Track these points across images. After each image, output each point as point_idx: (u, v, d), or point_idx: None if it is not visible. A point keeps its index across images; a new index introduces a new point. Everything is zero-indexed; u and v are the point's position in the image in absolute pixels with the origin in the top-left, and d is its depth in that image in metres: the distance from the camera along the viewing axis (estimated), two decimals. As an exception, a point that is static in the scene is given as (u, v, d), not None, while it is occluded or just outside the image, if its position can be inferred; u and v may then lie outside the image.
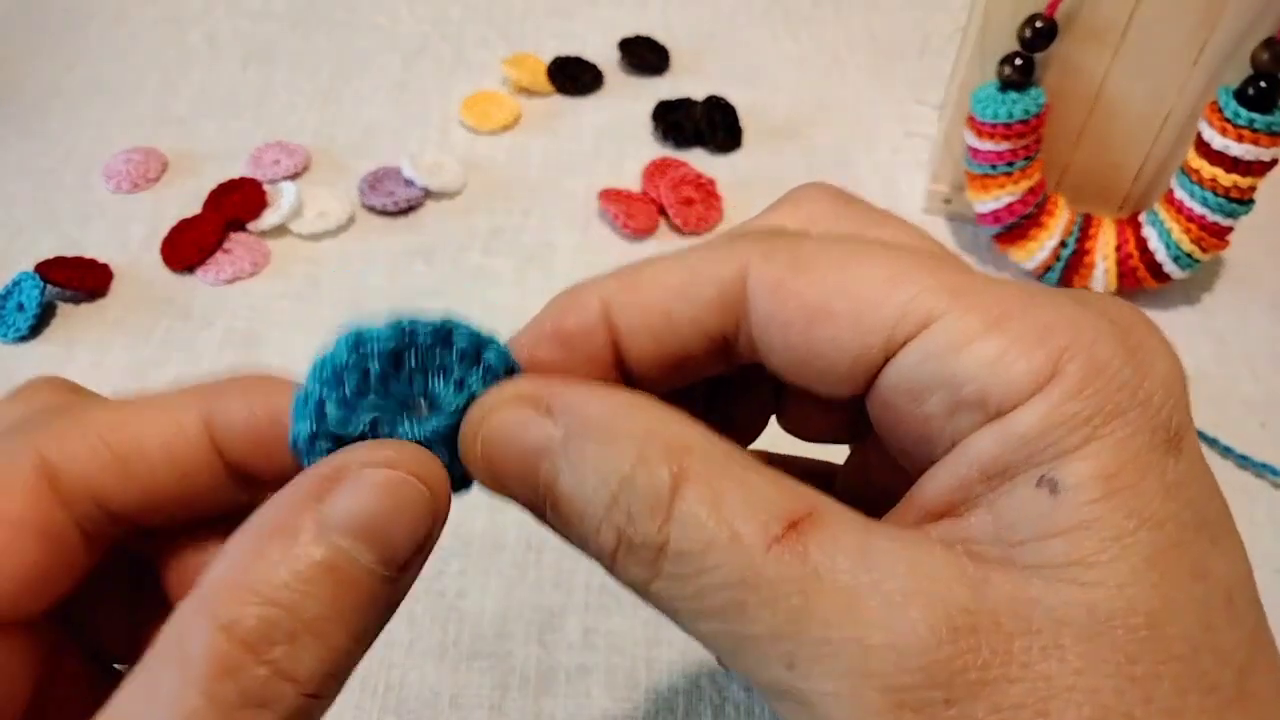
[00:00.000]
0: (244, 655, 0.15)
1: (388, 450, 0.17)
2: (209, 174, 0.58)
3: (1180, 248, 0.49)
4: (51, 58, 0.67)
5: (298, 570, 0.15)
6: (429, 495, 0.17)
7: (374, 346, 0.18)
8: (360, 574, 0.16)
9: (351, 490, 0.16)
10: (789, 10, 0.74)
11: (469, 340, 0.19)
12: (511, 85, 0.65)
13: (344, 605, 0.16)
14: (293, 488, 0.17)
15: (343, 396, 0.18)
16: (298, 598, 0.15)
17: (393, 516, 0.16)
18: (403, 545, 0.16)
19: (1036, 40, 0.47)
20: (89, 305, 0.51)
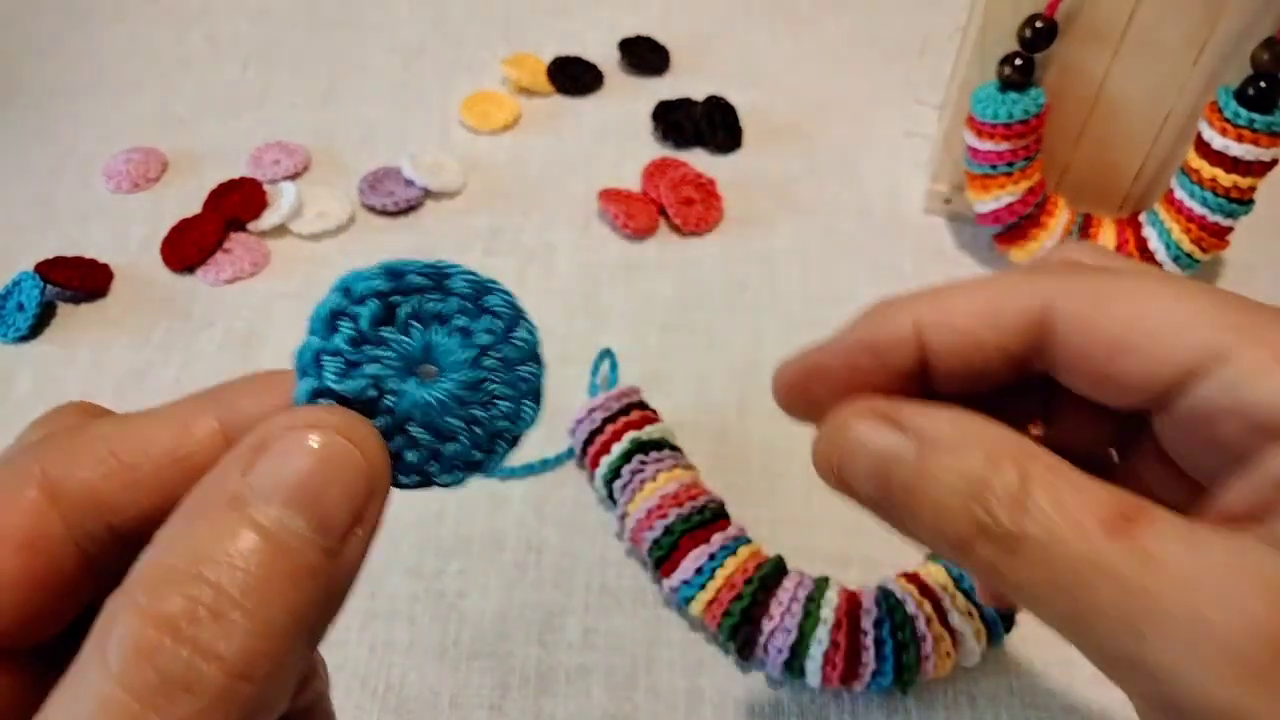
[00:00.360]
0: (162, 637, 0.14)
1: (314, 412, 0.17)
2: (209, 174, 0.58)
3: (1180, 248, 0.49)
4: (51, 57, 0.67)
5: (222, 544, 0.14)
6: (361, 458, 0.16)
7: (363, 287, 0.18)
8: (293, 542, 0.15)
9: (277, 455, 0.16)
10: (789, 10, 0.74)
11: (467, 284, 0.18)
12: (512, 85, 0.65)
13: (275, 578, 0.15)
14: (222, 461, 0.16)
15: (337, 346, 0.17)
16: (223, 572, 0.14)
17: (324, 481, 0.16)
18: (338, 511, 0.16)
19: (1036, 40, 0.47)
20: (89, 305, 0.51)
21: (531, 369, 0.19)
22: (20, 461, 0.17)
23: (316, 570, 0.15)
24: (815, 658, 0.36)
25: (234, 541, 0.15)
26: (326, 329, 0.17)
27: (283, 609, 0.15)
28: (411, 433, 0.18)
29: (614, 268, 0.54)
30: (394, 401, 0.17)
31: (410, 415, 0.18)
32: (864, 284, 0.54)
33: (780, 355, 0.23)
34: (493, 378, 0.18)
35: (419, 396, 0.18)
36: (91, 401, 0.20)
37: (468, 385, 0.18)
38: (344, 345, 0.17)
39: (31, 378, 0.48)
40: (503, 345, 0.18)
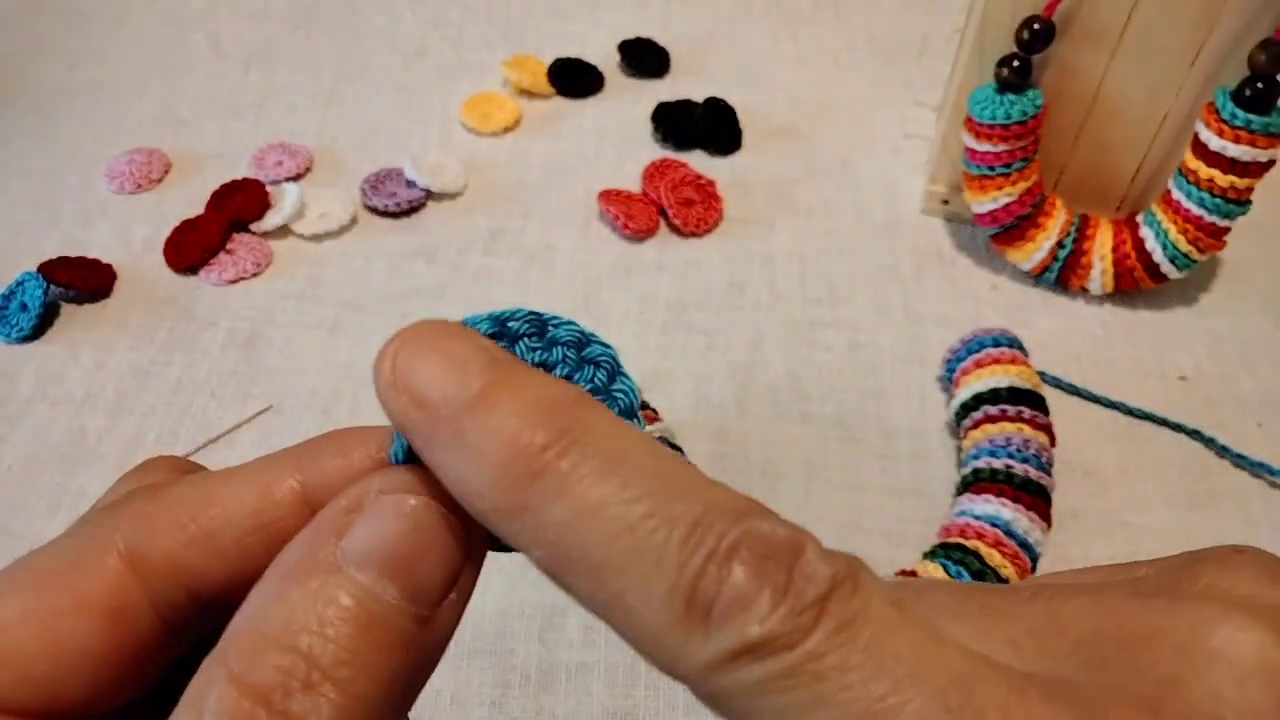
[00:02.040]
0: (255, 708, 0.14)
1: (409, 475, 0.16)
2: (211, 175, 0.58)
3: (1177, 248, 0.49)
4: (54, 58, 0.68)
5: (315, 612, 0.14)
6: (458, 523, 0.15)
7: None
8: (385, 612, 0.15)
9: (370, 521, 0.15)
10: (788, 12, 0.74)
11: (571, 334, 0.17)
12: (512, 87, 0.65)
13: (367, 648, 0.14)
14: (314, 524, 0.15)
15: None
16: (315, 642, 0.14)
17: (419, 548, 0.15)
18: (431, 578, 0.15)
19: (1034, 42, 0.48)
20: (92, 306, 0.52)
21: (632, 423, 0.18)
22: (102, 527, 0.17)
23: (408, 639, 0.15)
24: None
25: (326, 609, 0.14)
26: None
27: (373, 680, 0.14)
28: None
29: (614, 268, 0.54)
30: None
31: None
32: (862, 284, 0.54)
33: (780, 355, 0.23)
34: None
35: None
36: (179, 457, 0.19)
37: None
38: None
39: (34, 378, 0.48)
40: (603, 397, 0.18)
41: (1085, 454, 0.46)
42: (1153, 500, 0.45)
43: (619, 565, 0.14)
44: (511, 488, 0.14)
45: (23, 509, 0.43)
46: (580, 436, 0.14)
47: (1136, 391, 0.49)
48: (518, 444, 0.14)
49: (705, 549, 0.14)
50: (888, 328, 0.52)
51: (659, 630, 0.14)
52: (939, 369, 0.49)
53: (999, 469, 0.42)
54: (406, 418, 0.15)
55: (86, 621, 0.16)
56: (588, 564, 0.14)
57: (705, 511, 0.14)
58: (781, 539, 0.14)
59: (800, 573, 0.14)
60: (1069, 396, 0.49)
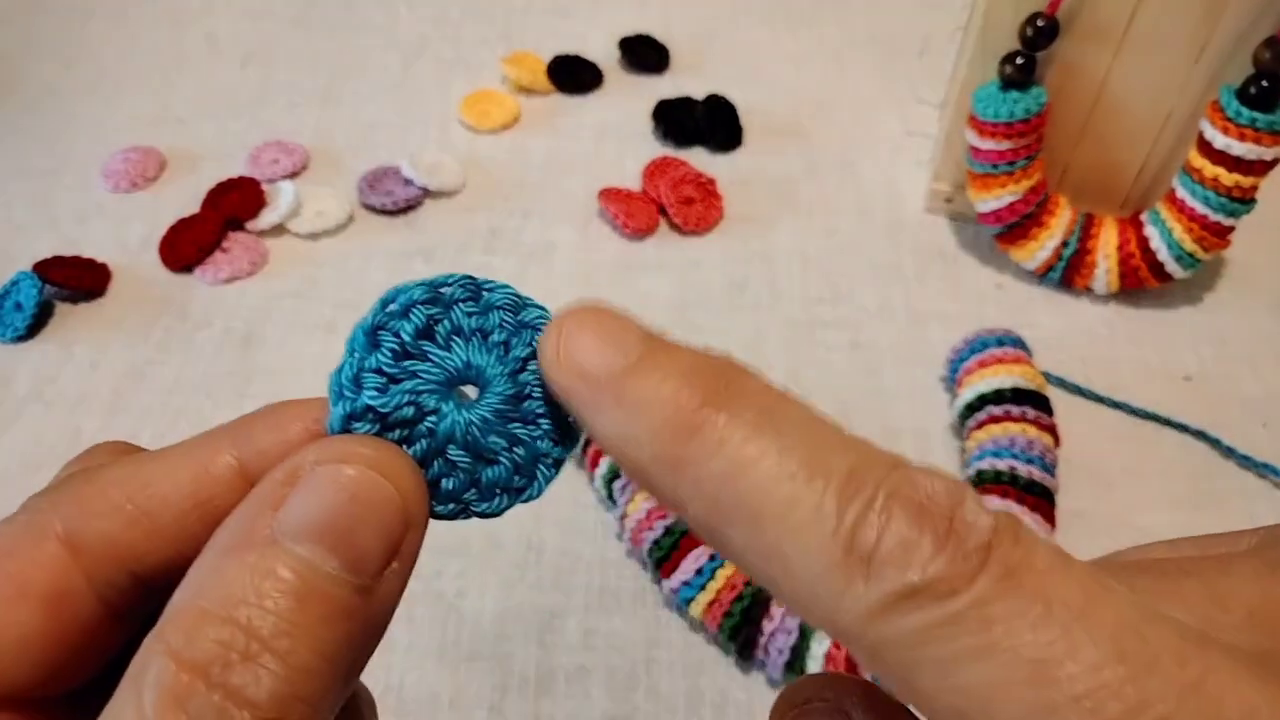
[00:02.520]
0: (195, 681, 0.14)
1: (345, 444, 0.16)
2: (207, 173, 0.58)
3: (1182, 247, 0.49)
4: (50, 56, 0.67)
5: (253, 585, 0.14)
6: (395, 492, 0.16)
7: (404, 300, 0.17)
8: (324, 583, 0.15)
9: (307, 491, 0.15)
10: (790, 9, 0.73)
11: (507, 296, 0.18)
12: (511, 84, 0.65)
13: (307, 619, 0.14)
14: (250, 498, 0.15)
15: (378, 363, 0.17)
16: (254, 614, 0.14)
17: (356, 517, 0.15)
18: (371, 549, 0.15)
19: (1038, 39, 0.47)
20: (87, 305, 0.51)
21: None
22: (39, 512, 0.17)
23: (350, 610, 0.15)
24: (816, 658, 0.36)
25: (264, 582, 0.14)
26: (368, 346, 0.17)
27: (315, 650, 0.14)
28: (450, 456, 0.17)
29: (614, 267, 0.54)
30: (434, 422, 0.17)
31: (450, 437, 0.17)
32: (864, 283, 0.54)
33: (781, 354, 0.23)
34: (534, 394, 0.17)
35: (459, 417, 0.17)
36: (122, 441, 0.19)
37: (509, 399, 0.17)
38: (386, 361, 0.17)
39: (29, 377, 0.48)
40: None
41: (1090, 455, 0.46)
42: (1158, 501, 0.44)
43: (777, 514, 0.14)
44: (671, 442, 0.15)
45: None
46: (734, 394, 0.15)
47: (1141, 392, 0.48)
48: (677, 402, 0.15)
49: (864, 496, 0.14)
50: (890, 327, 0.51)
51: (818, 577, 0.14)
52: (942, 369, 0.49)
53: (1003, 470, 0.41)
54: (572, 389, 0.16)
55: (27, 607, 0.16)
56: (746, 513, 0.14)
57: (861, 461, 0.14)
58: (940, 488, 0.14)
59: (961, 520, 0.14)
60: (1073, 397, 0.48)
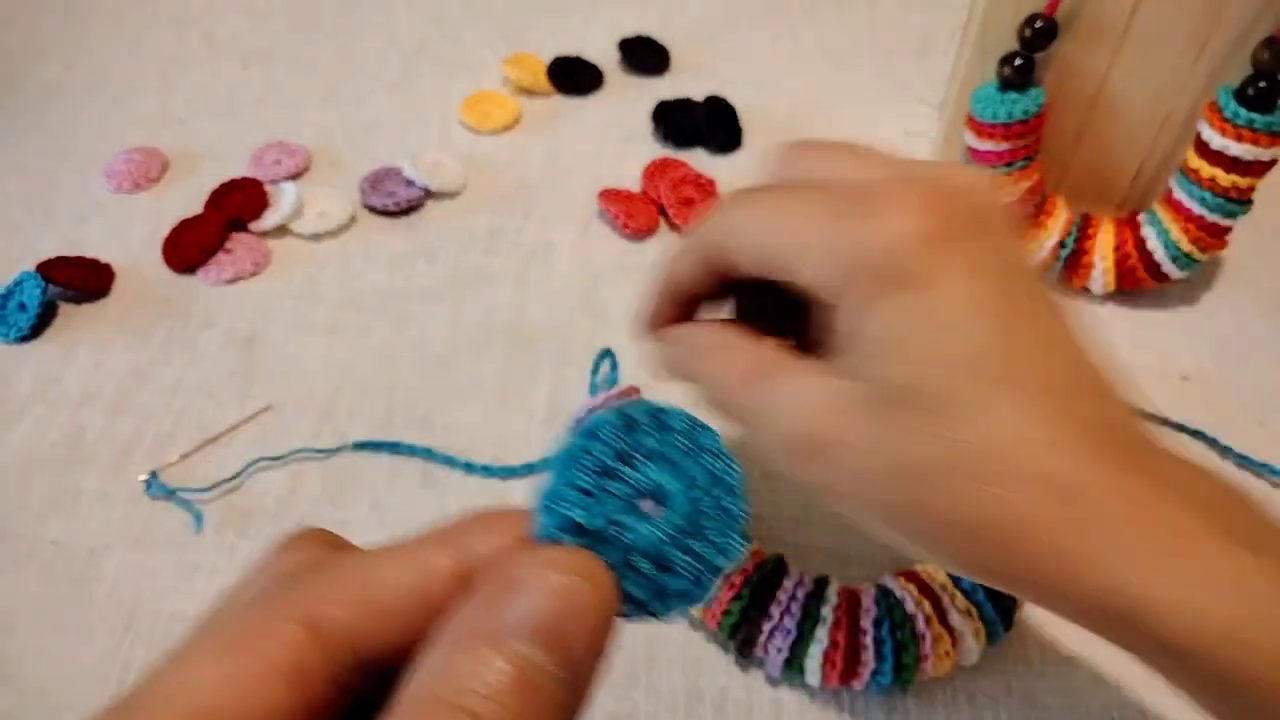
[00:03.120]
0: None
1: (556, 553, 0.18)
2: (210, 174, 0.58)
3: (1179, 248, 0.49)
4: (51, 57, 0.68)
5: (481, 677, 0.16)
6: (600, 596, 0.18)
7: (605, 432, 0.19)
8: (540, 677, 0.16)
9: (527, 596, 0.17)
10: (789, 10, 0.74)
11: (684, 422, 0.20)
12: (512, 85, 0.65)
13: (528, 709, 0.16)
14: (475, 599, 0.18)
15: (581, 482, 0.19)
16: (487, 705, 0.16)
17: (568, 619, 0.17)
18: (579, 646, 0.17)
19: (1036, 40, 0.47)
20: (90, 305, 0.52)
21: (741, 506, 0.20)
22: (283, 600, 0.19)
23: (561, 702, 0.17)
24: (815, 657, 0.36)
25: (490, 675, 0.16)
26: (570, 472, 0.19)
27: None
28: (637, 565, 0.19)
29: (614, 267, 0.54)
30: (620, 533, 0.19)
31: (636, 548, 0.19)
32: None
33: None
34: (708, 513, 0.20)
35: (646, 530, 0.19)
36: (331, 532, 0.22)
37: (689, 517, 0.19)
38: (587, 481, 0.19)
39: (32, 378, 0.48)
40: (714, 482, 0.20)
41: (1087, 454, 0.46)
42: (1155, 501, 0.44)
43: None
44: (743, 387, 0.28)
45: (20, 509, 0.43)
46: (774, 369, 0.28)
47: (1138, 391, 0.49)
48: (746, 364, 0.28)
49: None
50: (889, 327, 0.52)
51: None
52: (940, 369, 0.49)
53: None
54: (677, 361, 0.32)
55: (274, 683, 0.18)
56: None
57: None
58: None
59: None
60: (1071, 396, 0.48)
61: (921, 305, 0.24)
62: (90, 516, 0.43)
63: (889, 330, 0.25)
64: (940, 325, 0.24)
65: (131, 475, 0.44)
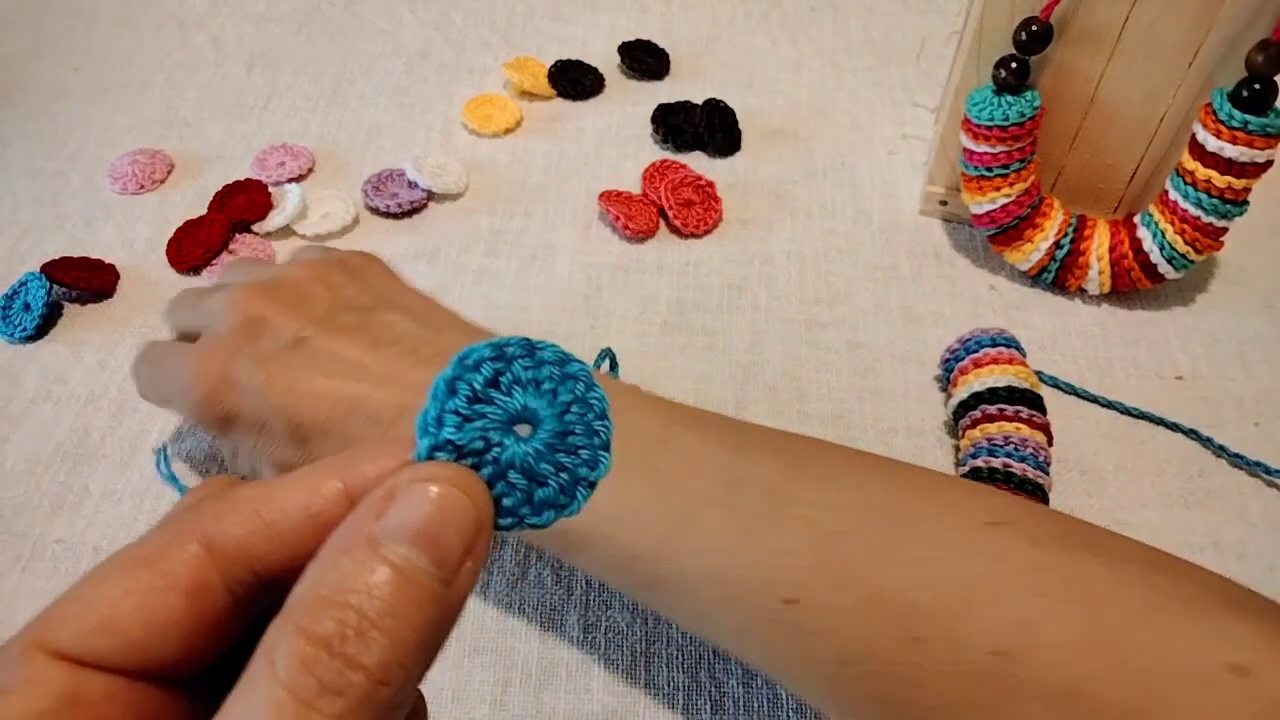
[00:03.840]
0: (320, 652, 0.17)
1: (432, 468, 0.20)
2: (214, 176, 0.59)
3: (1174, 249, 0.49)
4: (57, 59, 0.68)
5: (363, 577, 0.18)
6: (471, 504, 0.19)
7: (476, 357, 0.21)
8: (417, 575, 0.18)
9: (403, 504, 0.19)
10: (787, 15, 0.74)
11: (555, 354, 0.22)
12: (513, 89, 0.66)
13: (405, 604, 0.18)
14: (357, 511, 0.19)
15: (455, 405, 0.20)
16: (364, 600, 0.18)
17: (442, 524, 0.19)
18: (454, 548, 0.19)
19: (1032, 43, 0.48)
20: (95, 306, 0.52)
21: (604, 424, 0.22)
22: (184, 522, 0.21)
23: (436, 597, 0.19)
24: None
25: (371, 575, 0.18)
26: (447, 393, 0.21)
27: (411, 629, 0.18)
28: (510, 480, 0.21)
29: (614, 269, 0.54)
30: (498, 453, 0.21)
31: (511, 464, 0.21)
32: (860, 284, 0.54)
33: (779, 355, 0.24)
34: (575, 430, 0.22)
35: (518, 449, 0.21)
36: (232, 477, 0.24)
37: (557, 435, 0.21)
38: (461, 405, 0.20)
39: (38, 377, 0.48)
40: (582, 405, 0.22)
41: (1082, 453, 0.46)
42: (1149, 499, 0.45)
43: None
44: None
45: (26, 508, 0.43)
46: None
47: (1133, 391, 0.49)
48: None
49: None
50: (886, 328, 0.52)
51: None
52: (937, 369, 0.49)
53: (997, 468, 0.42)
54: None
55: (174, 597, 0.19)
56: None
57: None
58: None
59: None
60: (1066, 396, 0.49)
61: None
62: (96, 516, 0.43)
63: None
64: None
65: (137, 475, 0.45)
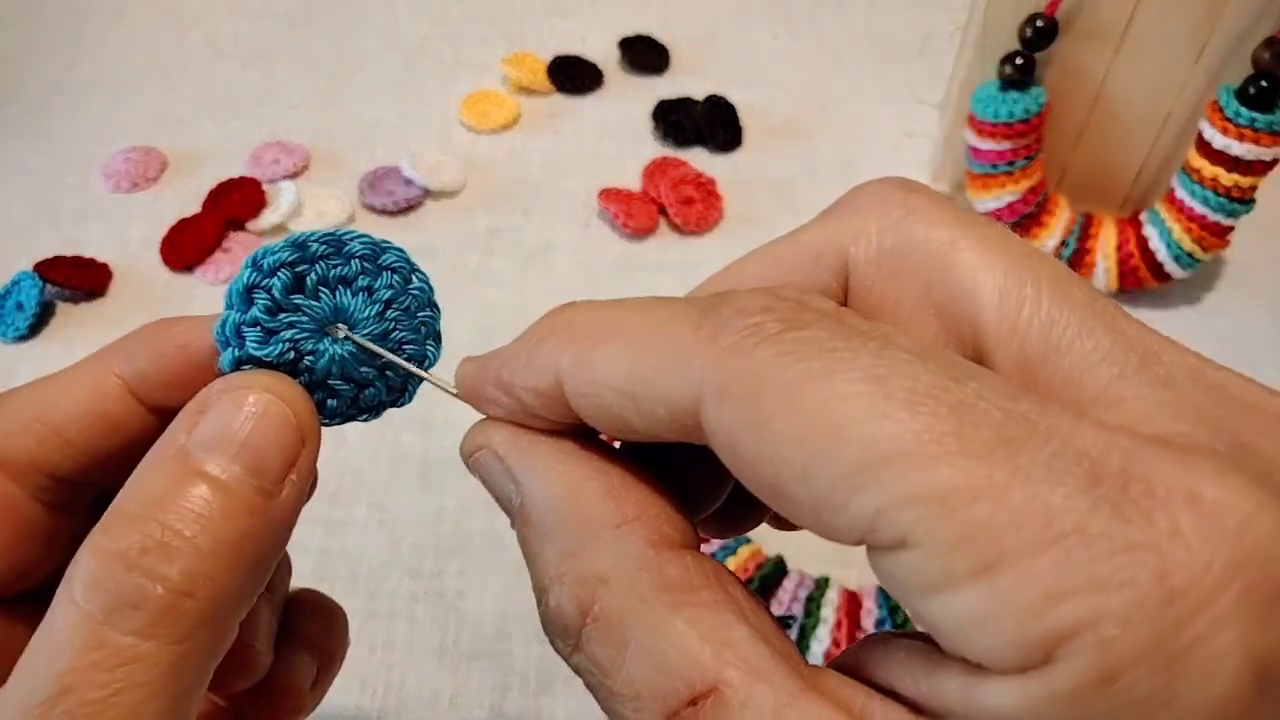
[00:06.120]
0: (115, 567, 0.16)
1: (245, 376, 0.19)
2: (208, 173, 0.58)
3: (1181, 247, 0.49)
4: (51, 57, 0.67)
5: (171, 490, 0.17)
6: (290, 412, 0.19)
7: (272, 260, 0.19)
8: (232, 484, 0.17)
9: (215, 414, 0.18)
10: (789, 9, 0.73)
11: (364, 246, 0.20)
12: (511, 84, 0.65)
13: (213, 514, 0.17)
14: (170, 426, 0.19)
15: (255, 317, 0.19)
16: (170, 513, 0.17)
17: (259, 433, 0.18)
18: (272, 458, 0.18)
19: (1037, 39, 0.47)
20: (88, 305, 0.51)
21: (430, 314, 0.21)
22: None
23: (254, 508, 0.18)
24: (816, 656, 0.36)
25: (180, 487, 0.17)
26: (243, 303, 0.19)
27: (221, 538, 0.17)
28: (331, 384, 0.20)
29: (614, 267, 0.54)
30: (312, 361, 0.20)
31: (328, 371, 0.20)
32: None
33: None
34: (398, 326, 0.20)
35: (334, 352, 0.20)
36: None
37: (377, 337, 0.20)
38: (261, 315, 0.19)
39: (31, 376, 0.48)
40: (403, 297, 0.20)
41: (1088, 454, 0.46)
42: (1156, 501, 0.44)
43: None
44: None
45: None
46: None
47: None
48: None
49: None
50: (889, 327, 0.51)
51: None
52: (941, 369, 0.49)
53: (1002, 470, 0.41)
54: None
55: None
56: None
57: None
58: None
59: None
60: (1072, 396, 0.48)
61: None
62: (88, 516, 0.43)
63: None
64: None
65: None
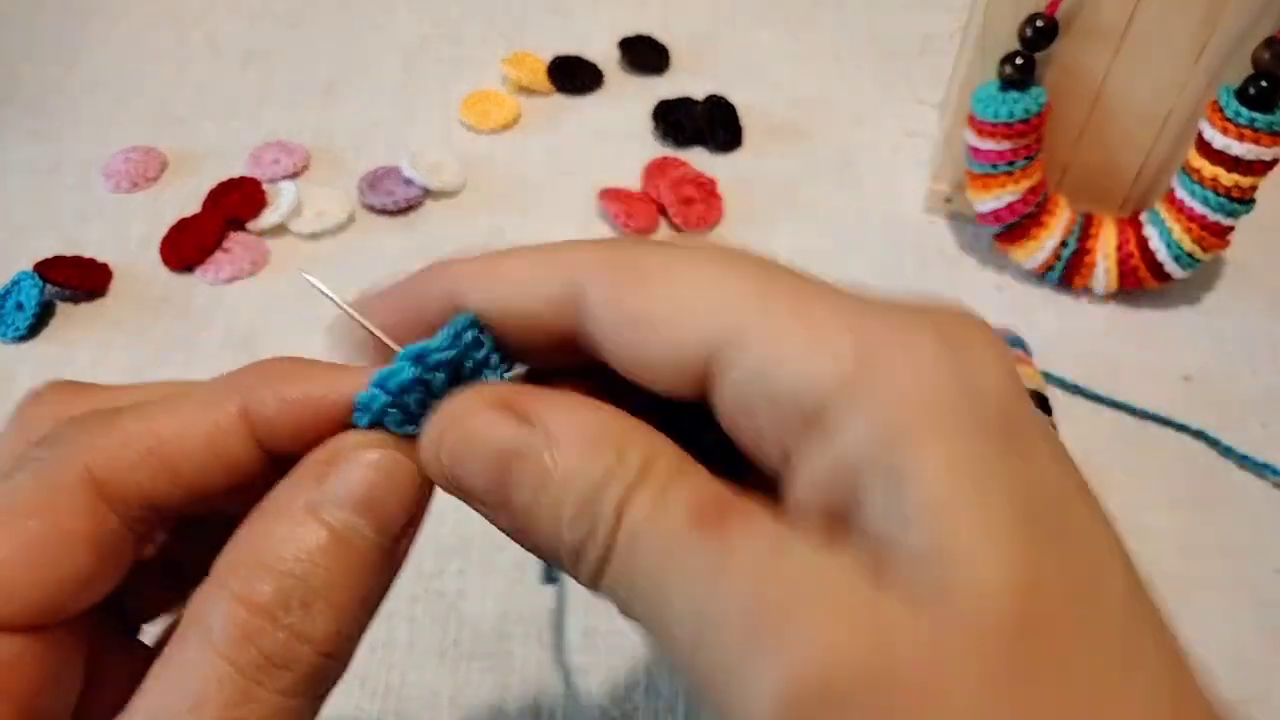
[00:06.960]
0: (262, 622, 0.16)
1: (375, 435, 0.19)
2: (208, 173, 0.58)
3: (1181, 247, 0.49)
4: (51, 57, 0.67)
5: (306, 543, 0.17)
6: (415, 471, 0.19)
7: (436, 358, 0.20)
8: (360, 543, 0.18)
9: (348, 470, 0.18)
10: (789, 9, 0.73)
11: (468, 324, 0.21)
12: (511, 84, 0.65)
13: (348, 572, 0.17)
14: (294, 474, 0.19)
15: (405, 403, 0.20)
16: (307, 568, 0.17)
17: (385, 491, 0.18)
18: (395, 515, 0.18)
19: (1037, 39, 0.47)
20: (88, 305, 0.51)
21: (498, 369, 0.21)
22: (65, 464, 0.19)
23: (378, 566, 0.18)
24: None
25: (309, 538, 0.17)
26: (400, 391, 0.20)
27: (354, 598, 0.18)
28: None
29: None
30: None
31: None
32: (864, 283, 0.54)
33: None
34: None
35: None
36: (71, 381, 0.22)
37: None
38: (412, 404, 0.20)
39: (31, 377, 0.48)
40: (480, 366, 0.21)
41: (1089, 454, 0.46)
42: (1157, 500, 0.44)
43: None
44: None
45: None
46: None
47: (1140, 391, 0.48)
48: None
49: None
50: (889, 327, 0.51)
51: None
52: (941, 369, 0.49)
53: (1002, 470, 0.41)
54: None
55: (75, 551, 0.18)
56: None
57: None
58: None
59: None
60: (1073, 396, 0.48)
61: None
62: (88, 517, 0.43)
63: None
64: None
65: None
